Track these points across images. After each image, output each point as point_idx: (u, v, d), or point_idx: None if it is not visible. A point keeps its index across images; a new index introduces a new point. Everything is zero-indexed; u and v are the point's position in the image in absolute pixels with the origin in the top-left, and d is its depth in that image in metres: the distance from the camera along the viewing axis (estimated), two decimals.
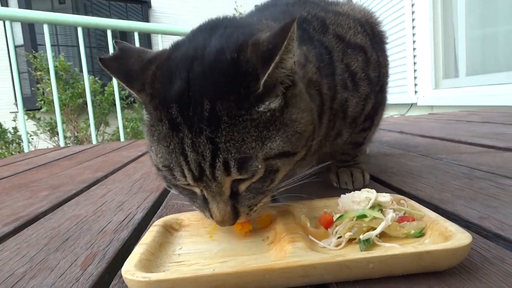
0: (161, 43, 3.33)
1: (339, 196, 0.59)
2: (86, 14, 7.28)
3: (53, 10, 7.15)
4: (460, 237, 0.43)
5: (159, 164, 0.54)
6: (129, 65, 0.57)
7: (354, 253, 0.42)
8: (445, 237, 0.46)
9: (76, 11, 7.55)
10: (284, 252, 0.45)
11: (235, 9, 7.95)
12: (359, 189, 0.82)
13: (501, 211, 0.64)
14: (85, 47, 2.99)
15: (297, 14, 0.72)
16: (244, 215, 0.54)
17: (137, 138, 5.29)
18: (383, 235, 0.49)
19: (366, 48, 0.83)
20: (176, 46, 0.59)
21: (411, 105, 4.49)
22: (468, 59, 3.68)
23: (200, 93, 0.49)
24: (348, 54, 0.80)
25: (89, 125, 3.42)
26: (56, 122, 3.07)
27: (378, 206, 0.52)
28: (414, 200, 0.73)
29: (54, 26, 6.08)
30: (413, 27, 4.32)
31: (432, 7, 4.08)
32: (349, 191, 0.82)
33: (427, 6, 4.09)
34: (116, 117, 3.23)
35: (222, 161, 0.48)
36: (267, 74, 0.48)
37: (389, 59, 1.03)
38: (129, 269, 0.43)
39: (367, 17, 0.93)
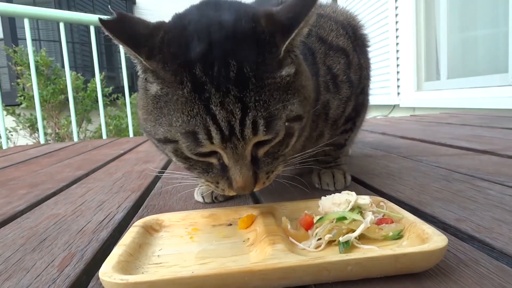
0: None
1: (321, 197, 0.59)
2: (69, 9, 7.14)
3: (35, 4, 6.99)
4: (437, 240, 0.44)
5: (177, 133, 0.52)
6: (135, 30, 0.54)
7: (333, 256, 0.43)
8: (422, 239, 0.47)
9: (58, 5, 7.39)
10: (264, 254, 0.45)
11: None
12: (341, 190, 0.84)
13: (477, 213, 0.65)
14: (68, 42, 2.95)
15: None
16: (262, 182, 0.57)
17: (120, 135, 5.23)
18: (362, 237, 0.50)
19: (348, 50, 0.84)
20: (179, 16, 0.60)
21: (394, 106, 4.56)
22: (449, 62, 3.76)
23: (225, 55, 0.51)
24: (330, 56, 0.81)
25: (70, 122, 3.36)
26: (36, 118, 3.01)
27: (357, 209, 0.52)
28: (394, 202, 0.74)
29: (36, 21, 5.94)
30: (397, 30, 4.39)
31: (415, 11, 4.15)
32: (331, 192, 0.84)
33: (411, 10, 4.16)
34: (99, 114, 3.18)
35: (252, 119, 0.50)
36: (288, 41, 0.52)
37: (373, 60, 1.05)
38: (107, 271, 0.42)
39: (349, 19, 0.94)
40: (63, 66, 2.90)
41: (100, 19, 0.52)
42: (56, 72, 5.48)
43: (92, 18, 3.10)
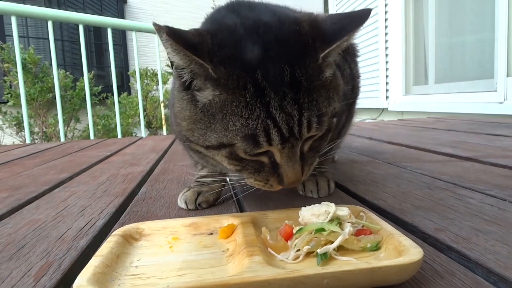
0: (135, 40, 3.27)
1: (304, 205, 0.59)
2: (59, 6, 7.05)
3: (24, 1, 6.90)
4: (412, 253, 0.45)
5: (236, 137, 0.54)
6: (188, 37, 0.53)
7: (309, 269, 0.43)
8: (399, 251, 0.47)
9: (48, 3, 7.31)
10: (242, 266, 0.45)
11: (212, 8, 7.91)
12: (324, 198, 0.85)
13: (456, 223, 0.66)
14: (57, 40, 2.92)
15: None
16: (306, 173, 0.61)
17: (108, 135, 5.18)
18: (340, 249, 0.50)
19: (340, 63, 0.85)
20: (215, 19, 0.62)
21: (383, 110, 4.60)
22: (437, 67, 3.80)
23: (279, 59, 0.53)
24: None
25: (58, 121, 3.32)
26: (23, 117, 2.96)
27: (336, 220, 0.52)
28: (376, 210, 0.75)
29: (24, 17, 5.86)
30: (386, 34, 4.43)
31: (404, 17, 4.20)
32: (314, 199, 0.85)
33: (400, 15, 4.21)
34: (88, 113, 3.15)
35: (307, 119, 0.54)
36: (327, 50, 0.55)
37: (362, 64, 1.08)
38: (82, 284, 0.42)
39: None
40: (51, 64, 2.85)
41: (159, 27, 0.50)
42: (44, 70, 5.41)
43: (81, 16, 3.07)
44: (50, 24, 2.78)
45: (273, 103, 0.52)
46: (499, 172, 1.02)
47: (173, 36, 0.51)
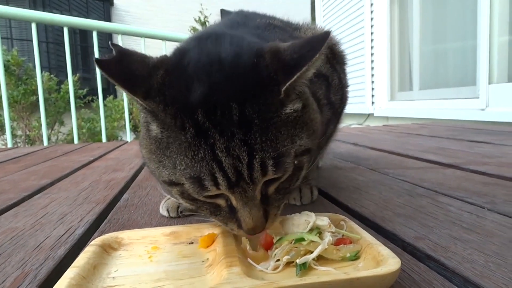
0: (121, 43, 3.24)
1: (287, 214, 0.60)
2: (44, 8, 6.97)
3: (7, 2, 6.78)
4: (390, 263, 0.45)
5: (182, 177, 0.50)
6: (132, 70, 0.52)
7: (287, 280, 0.43)
8: (377, 261, 0.47)
9: (33, 4, 7.21)
10: (220, 277, 0.45)
11: (200, 11, 7.91)
12: (307, 205, 0.85)
13: (436, 231, 0.67)
14: (42, 42, 2.88)
15: (270, 39, 0.72)
16: (272, 218, 0.55)
17: (93, 139, 5.12)
18: (320, 258, 0.50)
19: (329, 75, 0.86)
20: (182, 52, 0.57)
21: (368, 115, 4.65)
22: (421, 73, 3.87)
23: (226, 97, 0.49)
24: (314, 83, 0.82)
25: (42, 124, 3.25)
26: (5, 119, 2.90)
27: (316, 229, 0.53)
28: (357, 218, 0.76)
29: (8, 19, 5.76)
30: (372, 40, 4.49)
31: (389, 24, 4.27)
32: (298, 207, 0.85)
33: (385, 23, 4.28)
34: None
35: (260, 161, 0.49)
36: (289, 83, 0.50)
37: (350, 70, 1.08)
38: None
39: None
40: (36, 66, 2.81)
41: (96, 59, 0.50)
42: (28, 73, 5.34)
43: (66, 19, 3.03)
44: (34, 26, 2.74)
45: (218, 145, 0.48)
46: (479, 179, 1.04)
47: (108, 71, 0.50)
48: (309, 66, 0.49)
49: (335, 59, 0.94)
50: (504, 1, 2.86)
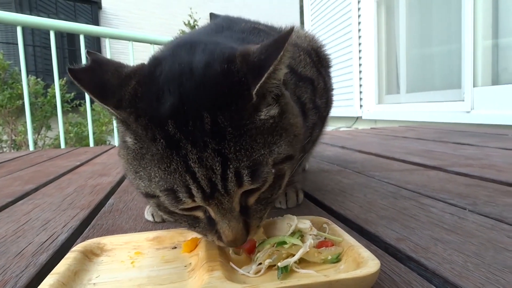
0: (109, 47, 3.22)
1: (270, 217, 0.60)
2: (30, 11, 6.90)
3: None
4: (370, 265, 0.46)
5: (156, 189, 0.49)
6: (105, 79, 0.51)
7: (268, 283, 0.43)
8: (358, 263, 0.48)
9: (19, 7, 7.12)
10: (201, 281, 0.45)
11: (189, 15, 7.91)
12: (293, 208, 0.86)
13: (417, 232, 0.68)
14: (28, 45, 2.85)
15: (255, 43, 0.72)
16: (254, 229, 0.53)
17: (81, 143, 5.07)
18: (302, 261, 0.51)
19: (314, 79, 0.87)
20: (156, 62, 0.55)
21: (357, 118, 4.69)
22: (408, 77, 3.92)
23: (196, 107, 0.47)
24: (300, 86, 0.83)
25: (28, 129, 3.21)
26: None
27: (298, 233, 0.53)
28: (342, 220, 0.77)
29: None
30: (359, 44, 4.54)
31: (377, 29, 4.33)
32: (283, 210, 0.85)
33: (372, 27, 4.34)
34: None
35: (234, 172, 0.47)
36: (259, 85, 0.48)
37: (338, 73, 1.10)
38: None
39: (311, 44, 0.97)
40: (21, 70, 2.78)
41: (69, 69, 0.50)
42: (14, 77, 5.27)
43: (52, 22, 3.01)
44: (19, 29, 2.71)
45: (190, 156, 0.46)
46: (462, 181, 1.06)
47: (80, 80, 0.50)
48: (276, 66, 0.48)
49: (320, 63, 0.95)
50: (487, 6, 2.92)
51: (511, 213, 0.75)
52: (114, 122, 0.55)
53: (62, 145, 3.06)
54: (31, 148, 2.92)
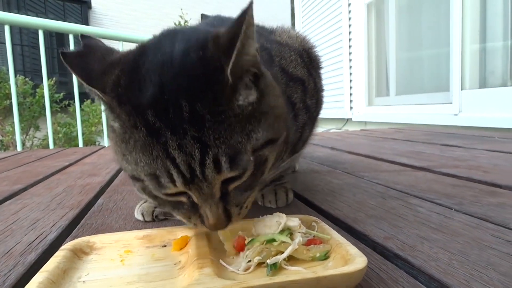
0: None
1: (260, 215, 0.60)
2: (18, 10, 6.81)
3: None
4: (357, 261, 0.46)
5: (141, 174, 0.51)
6: (92, 65, 0.54)
7: (257, 279, 0.44)
8: (345, 260, 0.49)
9: (7, 6, 7.03)
10: (191, 278, 0.45)
11: (180, 16, 7.89)
12: (282, 208, 0.86)
13: (404, 231, 0.69)
14: (16, 45, 2.81)
15: None
16: (236, 216, 0.55)
17: (70, 144, 5.02)
18: (291, 259, 0.51)
19: (305, 79, 0.88)
20: (141, 51, 0.57)
21: (347, 120, 4.73)
22: (398, 79, 3.96)
23: (175, 96, 0.48)
24: (290, 86, 0.83)
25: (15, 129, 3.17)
26: None
27: (287, 230, 0.54)
28: (331, 219, 0.77)
29: None
30: (350, 46, 4.58)
31: (367, 32, 4.37)
32: (273, 209, 0.86)
33: (362, 30, 4.38)
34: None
35: (212, 158, 0.48)
36: (231, 63, 0.48)
37: (328, 75, 1.11)
38: None
39: (303, 44, 0.98)
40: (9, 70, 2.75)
41: (61, 52, 0.52)
42: (1, 76, 5.20)
43: (40, 22, 2.98)
44: (7, 28, 2.68)
45: (170, 143, 0.48)
46: (449, 182, 1.07)
47: (70, 64, 0.53)
48: (242, 40, 0.47)
49: (311, 64, 0.96)
50: (475, 11, 2.97)
51: (495, 212, 0.77)
52: (104, 121, 0.56)
53: (51, 146, 3.03)
54: (19, 148, 2.89)
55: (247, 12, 0.47)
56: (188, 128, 0.48)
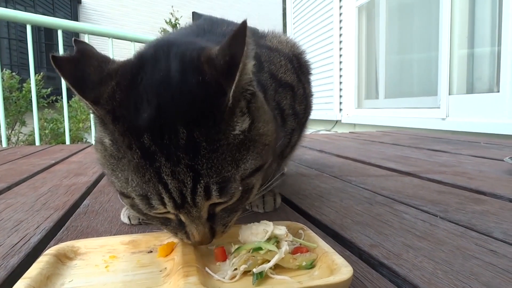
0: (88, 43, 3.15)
1: (248, 222, 0.60)
2: (6, 4, 6.69)
3: None
4: (342, 272, 0.47)
5: (132, 193, 0.51)
6: (86, 73, 0.51)
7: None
8: (331, 270, 0.49)
9: None
10: (176, 287, 0.45)
11: (171, 13, 7.84)
12: (270, 213, 0.86)
13: (390, 238, 0.69)
14: (3, 38, 2.76)
15: None
16: (220, 233, 0.56)
17: (57, 140, 4.95)
18: (277, 267, 0.51)
19: (294, 85, 0.88)
20: (139, 64, 0.54)
21: (336, 122, 4.75)
22: (387, 83, 4.00)
23: (173, 121, 0.47)
24: (279, 92, 0.83)
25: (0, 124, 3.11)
26: None
27: (274, 238, 0.54)
28: (318, 225, 0.78)
29: None
30: (340, 49, 4.61)
31: (357, 35, 4.40)
32: (260, 214, 0.86)
33: (353, 34, 4.41)
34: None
35: (204, 186, 0.49)
36: (234, 85, 0.47)
37: (318, 77, 1.11)
38: None
39: (293, 50, 0.98)
40: None
41: (52, 56, 0.50)
42: None
43: (28, 16, 2.93)
44: None
45: (164, 169, 0.47)
46: (434, 188, 1.09)
47: (61, 69, 0.50)
48: (244, 61, 0.47)
49: (301, 69, 0.96)
50: (463, 17, 3.01)
51: (479, 220, 0.78)
52: (92, 119, 0.55)
53: (37, 142, 2.98)
54: (4, 144, 2.84)
55: (245, 33, 0.46)
56: (183, 156, 0.47)
